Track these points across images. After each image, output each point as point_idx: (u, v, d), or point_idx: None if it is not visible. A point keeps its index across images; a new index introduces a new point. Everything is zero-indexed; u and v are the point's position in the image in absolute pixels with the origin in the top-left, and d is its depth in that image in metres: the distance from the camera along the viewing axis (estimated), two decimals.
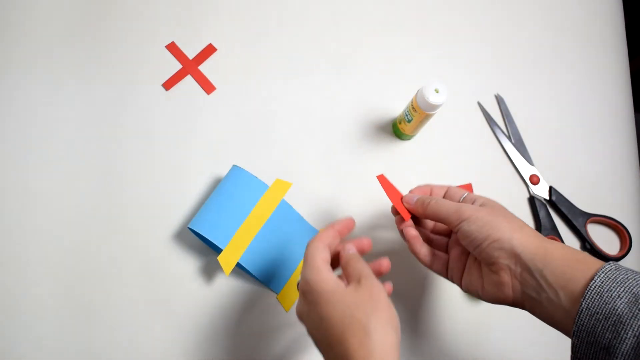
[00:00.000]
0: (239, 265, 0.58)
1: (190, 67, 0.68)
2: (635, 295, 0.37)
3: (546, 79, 0.72)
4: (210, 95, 0.68)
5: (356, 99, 0.69)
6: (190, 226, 0.57)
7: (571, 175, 0.68)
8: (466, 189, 0.66)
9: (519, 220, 0.45)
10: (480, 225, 0.44)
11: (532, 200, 0.66)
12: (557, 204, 0.65)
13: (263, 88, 0.68)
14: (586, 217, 0.65)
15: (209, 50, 0.69)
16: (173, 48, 0.69)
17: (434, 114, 0.59)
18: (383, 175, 0.54)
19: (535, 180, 0.66)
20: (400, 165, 0.67)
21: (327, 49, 0.71)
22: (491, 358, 0.60)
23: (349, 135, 0.67)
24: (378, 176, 0.54)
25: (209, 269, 0.60)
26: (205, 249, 0.61)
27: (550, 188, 0.66)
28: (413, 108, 0.59)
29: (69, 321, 0.58)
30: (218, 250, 0.60)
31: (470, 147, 0.68)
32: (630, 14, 1.14)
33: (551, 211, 0.66)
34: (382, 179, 0.54)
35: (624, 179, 0.68)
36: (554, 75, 0.72)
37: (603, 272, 0.39)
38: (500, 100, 0.70)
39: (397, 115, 0.67)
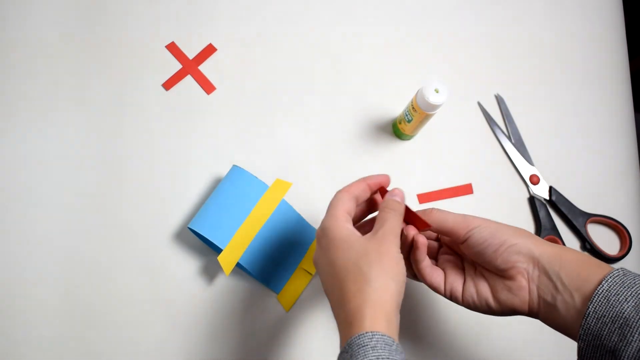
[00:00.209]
0: (239, 265, 0.58)
1: (190, 67, 0.68)
2: None
3: (546, 79, 0.72)
4: (210, 95, 0.68)
5: (356, 99, 0.69)
6: (190, 226, 0.57)
7: (571, 175, 0.68)
8: (466, 189, 0.67)
9: (526, 230, 0.46)
10: (493, 232, 0.44)
11: (532, 200, 0.66)
12: (557, 204, 0.65)
13: (263, 88, 0.68)
14: (586, 217, 0.65)
15: (209, 50, 0.69)
16: (173, 48, 0.69)
17: (434, 114, 0.59)
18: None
19: (535, 180, 0.66)
20: (400, 165, 0.67)
21: (328, 49, 0.71)
22: (491, 358, 0.60)
23: (349, 135, 0.67)
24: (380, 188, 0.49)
25: (209, 269, 0.60)
26: (205, 249, 0.61)
27: (550, 188, 0.66)
28: (413, 108, 0.59)
29: (69, 321, 0.58)
30: (218, 250, 0.60)
31: (470, 147, 0.68)
32: (630, 14, 1.14)
33: (551, 211, 0.66)
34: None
35: (624, 179, 0.68)
36: (554, 75, 0.72)
37: (611, 277, 0.39)
38: (500, 100, 0.70)
39: (397, 115, 0.67)
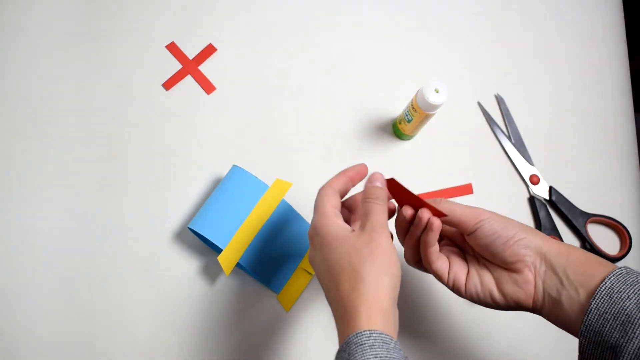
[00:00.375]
0: (239, 265, 0.58)
1: (190, 67, 0.68)
2: None
3: (546, 79, 0.72)
4: (210, 95, 0.68)
5: (356, 98, 0.69)
6: (190, 226, 0.57)
7: (571, 175, 0.68)
8: (466, 189, 0.67)
9: (533, 227, 0.46)
10: (504, 225, 0.45)
11: (532, 200, 0.66)
12: (557, 204, 0.65)
13: (263, 88, 0.68)
14: (586, 217, 0.65)
15: (209, 50, 0.69)
16: (173, 48, 0.69)
17: (434, 114, 0.59)
18: (394, 179, 0.45)
19: (535, 180, 0.66)
20: (400, 165, 0.67)
21: (328, 49, 0.71)
22: (491, 358, 0.60)
23: (349, 135, 0.67)
24: (388, 179, 0.46)
25: (209, 269, 0.60)
26: (205, 249, 0.61)
27: (550, 188, 0.66)
28: (413, 108, 0.59)
29: (69, 321, 0.58)
30: (218, 250, 0.60)
31: (470, 147, 0.68)
32: (630, 14, 1.14)
33: (551, 211, 0.66)
34: (393, 183, 0.45)
35: (624, 179, 0.68)
36: (554, 75, 0.72)
37: (614, 274, 0.40)
38: (500, 100, 0.70)
39: (397, 115, 0.67)
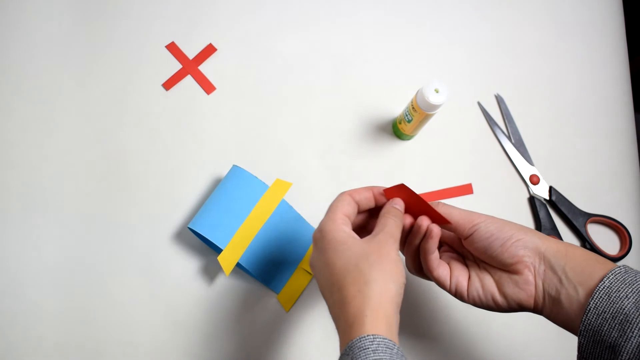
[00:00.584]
0: (239, 265, 0.58)
1: (190, 67, 0.68)
2: None
3: (546, 79, 0.72)
4: (210, 95, 0.68)
5: (356, 98, 0.69)
6: (190, 226, 0.57)
7: (571, 175, 0.68)
8: (466, 189, 0.67)
9: (529, 227, 0.46)
10: (500, 227, 0.45)
11: (532, 200, 0.66)
12: (557, 204, 0.65)
13: (263, 88, 0.68)
14: (586, 217, 0.65)
15: (209, 50, 0.69)
16: (173, 48, 0.69)
17: (434, 114, 0.59)
18: (404, 185, 0.46)
19: (535, 180, 0.66)
20: (400, 165, 0.67)
21: (327, 49, 0.71)
22: (491, 357, 0.60)
23: (349, 135, 0.67)
24: (399, 185, 0.46)
25: (209, 269, 0.60)
26: (205, 249, 0.61)
27: (550, 188, 0.66)
28: (413, 108, 0.59)
29: (68, 321, 0.58)
30: (218, 250, 0.60)
31: (470, 147, 0.68)
32: (630, 14, 1.14)
33: (551, 211, 0.66)
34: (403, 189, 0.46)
35: (624, 179, 0.68)
36: (554, 75, 0.72)
37: (613, 274, 0.40)
38: (500, 100, 0.70)
39: (397, 115, 0.67)
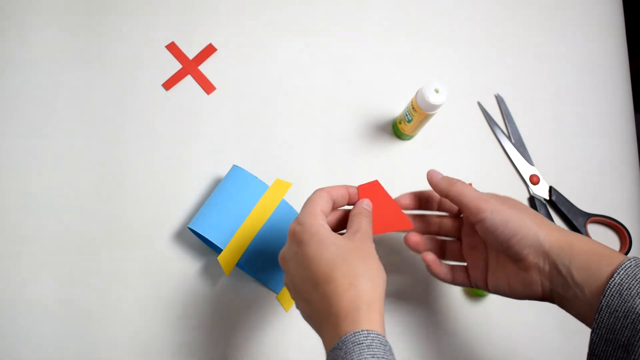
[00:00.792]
0: (239, 265, 0.58)
1: (190, 67, 0.68)
2: None
3: (546, 79, 0.72)
4: (210, 95, 0.68)
5: (356, 98, 0.69)
6: (190, 226, 0.57)
7: (571, 175, 0.68)
8: None
9: (540, 215, 0.45)
10: (506, 221, 0.44)
11: (532, 200, 0.66)
12: (557, 204, 0.65)
13: (263, 88, 0.68)
14: (586, 217, 0.65)
15: (209, 50, 0.69)
16: (173, 48, 0.69)
17: (434, 114, 0.59)
18: (377, 182, 0.50)
19: (535, 180, 0.66)
20: (400, 165, 0.67)
21: (327, 49, 0.71)
22: (492, 357, 0.60)
23: (349, 135, 0.67)
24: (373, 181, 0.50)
25: (209, 269, 0.60)
26: (205, 249, 0.61)
27: (550, 188, 0.66)
28: (413, 108, 0.59)
29: (68, 321, 0.58)
30: (218, 250, 0.60)
31: (470, 147, 0.68)
32: (630, 14, 1.14)
33: (551, 211, 0.66)
34: (375, 186, 0.50)
35: (624, 179, 0.68)
36: (554, 75, 0.72)
37: (622, 269, 0.39)
38: (500, 100, 0.70)
39: (397, 115, 0.67)
